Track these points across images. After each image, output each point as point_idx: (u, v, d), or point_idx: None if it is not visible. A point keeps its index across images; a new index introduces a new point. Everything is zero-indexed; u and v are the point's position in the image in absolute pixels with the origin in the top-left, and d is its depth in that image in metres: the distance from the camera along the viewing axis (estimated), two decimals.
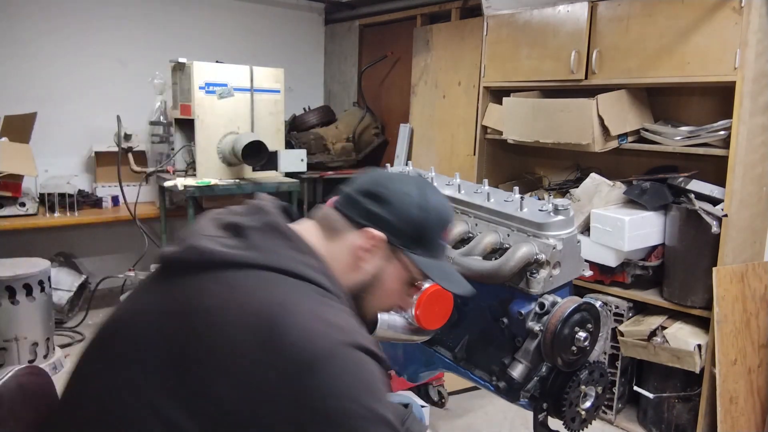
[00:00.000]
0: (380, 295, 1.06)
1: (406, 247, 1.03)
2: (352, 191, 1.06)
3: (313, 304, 0.90)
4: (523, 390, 1.26)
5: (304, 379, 0.81)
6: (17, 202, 3.42)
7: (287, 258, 0.94)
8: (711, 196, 2.44)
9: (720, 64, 2.31)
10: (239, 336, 0.85)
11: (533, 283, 1.22)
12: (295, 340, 0.83)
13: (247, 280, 0.91)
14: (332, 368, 0.83)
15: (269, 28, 4.73)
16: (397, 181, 1.06)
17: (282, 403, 0.82)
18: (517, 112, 2.94)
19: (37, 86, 3.80)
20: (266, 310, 0.86)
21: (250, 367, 0.83)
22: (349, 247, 1.03)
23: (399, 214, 1.02)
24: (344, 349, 0.85)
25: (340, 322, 0.89)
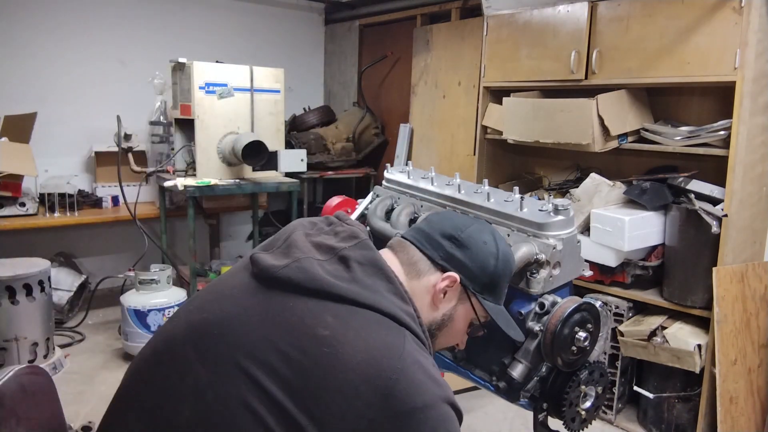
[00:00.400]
0: (449, 333, 1.13)
1: (479, 292, 1.11)
2: (432, 232, 1.12)
3: (417, 356, 0.95)
4: (523, 390, 1.26)
5: (405, 423, 0.88)
6: (17, 202, 3.42)
7: (390, 303, 0.99)
8: (711, 196, 2.44)
9: (720, 64, 2.31)
10: (356, 377, 0.89)
11: (533, 283, 1.23)
12: (406, 391, 0.89)
13: (358, 317, 0.95)
14: (428, 419, 0.90)
15: (269, 28, 4.73)
16: (474, 228, 1.14)
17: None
18: (517, 112, 2.94)
19: (37, 86, 3.80)
20: (381, 358, 0.91)
21: (363, 409, 0.87)
22: (428, 287, 1.09)
23: (477, 261, 1.10)
24: (440, 403, 0.93)
25: (437, 377, 0.96)
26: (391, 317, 0.97)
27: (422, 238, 1.12)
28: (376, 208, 1.59)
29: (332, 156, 4.35)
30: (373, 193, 1.69)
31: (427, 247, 1.11)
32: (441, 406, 0.92)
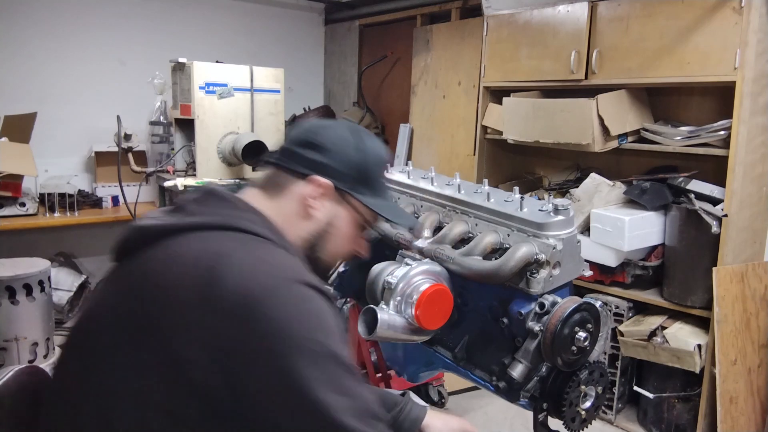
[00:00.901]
0: (336, 240, 1.09)
1: (353, 189, 1.06)
2: (289, 145, 1.08)
3: (252, 249, 0.91)
4: (523, 390, 1.26)
5: (248, 319, 0.82)
6: (17, 202, 3.42)
7: (224, 216, 0.96)
8: (711, 196, 2.44)
9: (720, 64, 2.31)
10: (183, 292, 0.85)
11: (533, 283, 1.22)
12: (235, 282, 0.83)
13: (186, 240, 0.92)
14: (275, 303, 0.83)
15: (269, 28, 4.73)
16: (330, 127, 1.09)
17: (234, 347, 0.82)
18: (517, 112, 2.94)
19: (37, 86, 3.80)
20: (204, 260, 0.87)
21: (199, 319, 0.83)
22: (296, 198, 1.04)
23: (339, 158, 1.05)
24: (287, 284, 0.86)
25: (282, 261, 0.91)
26: (222, 227, 0.93)
27: (280, 155, 1.08)
28: None
29: None
30: None
31: (286, 161, 1.06)
32: (288, 287, 0.85)
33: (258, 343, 0.82)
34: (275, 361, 0.81)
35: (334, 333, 0.87)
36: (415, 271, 1.27)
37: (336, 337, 0.87)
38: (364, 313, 1.24)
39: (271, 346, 0.81)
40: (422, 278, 1.27)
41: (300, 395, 0.81)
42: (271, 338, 0.82)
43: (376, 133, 4.59)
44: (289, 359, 0.81)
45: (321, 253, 1.08)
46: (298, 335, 0.83)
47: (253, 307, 0.82)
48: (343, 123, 1.13)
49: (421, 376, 1.64)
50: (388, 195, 1.15)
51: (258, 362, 0.82)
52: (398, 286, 1.25)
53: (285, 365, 0.81)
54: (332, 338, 0.86)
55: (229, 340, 0.82)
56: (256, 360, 0.82)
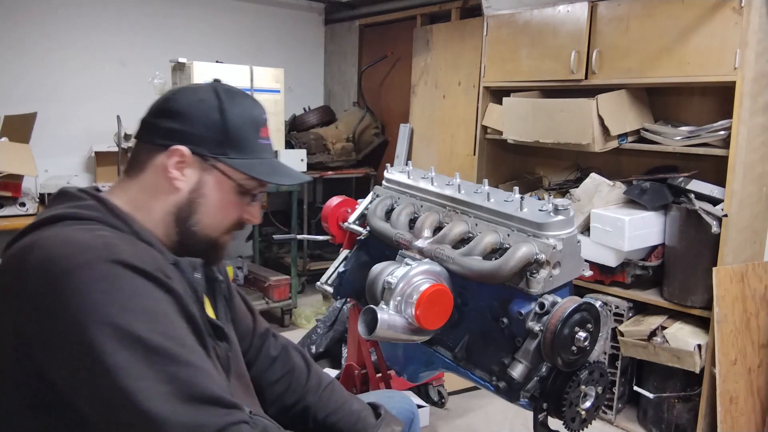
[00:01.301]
0: (208, 210, 1.01)
1: (219, 154, 0.98)
2: (147, 117, 1.01)
3: (62, 232, 0.86)
4: (523, 390, 1.26)
5: (47, 303, 0.79)
6: (17, 202, 3.41)
7: (56, 210, 0.91)
8: (711, 196, 2.44)
9: (720, 64, 2.31)
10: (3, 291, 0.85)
11: (533, 283, 1.22)
12: (36, 266, 0.81)
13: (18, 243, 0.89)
14: (74, 285, 0.79)
15: (269, 28, 4.73)
16: (188, 92, 1.01)
17: (37, 334, 0.80)
18: (517, 112, 2.94)
19: (37, 86, 3.80)
20: (17, 253, 0.86)
21: (8, 308, 0.83)
22: (157, 171, 0.98)
23: (198, 122, 0.97)
24: (92, 263, 0.80)
25: (94, 240, 0.85)
26: (44, 222, 0.89)
27: (140, 129, 1.02)
28: (376, 208, 1.59)
29: (332, 156, 4.35)
30: (373, 193, 1.69)
31: (143, 135, 1.01)
32: (93, 266, 0.80)
33: (59, 328, 0.79)
34: (77, 348, 0.78)
35: (145, 314, 0.81)
36: (415, 271, 1.27)
37: (146, 318, 0.80)
38: (364, 313, 1.24)
39: (71, 332, 0.78)
40: (422, 278, 1.27)
41: (105, 383, 0.77)
42: (70, 322, 0.78)
43: (375, 133, 4.59)
44: (91, 346, 0.77)
45: (195, 226, 1.00)
46: (98, 319, 0.78)
47: (53, 290, 0.79)
48: (208, 85, 1.03)
49: (421, 376, 1.64)
50: (265, 154, 1.04)
51: (61, 349, 0.79)
52: (398, 286, 1.25)
53: (87, 352, 0.77)
54: (141, 320, 0.79)
55: (33, 326, 0.81)
56: (58, 346, 0.79)
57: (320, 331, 3.26)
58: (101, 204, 0.94)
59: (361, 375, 2.18)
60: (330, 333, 3.21)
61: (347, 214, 1.76)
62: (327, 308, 3.73)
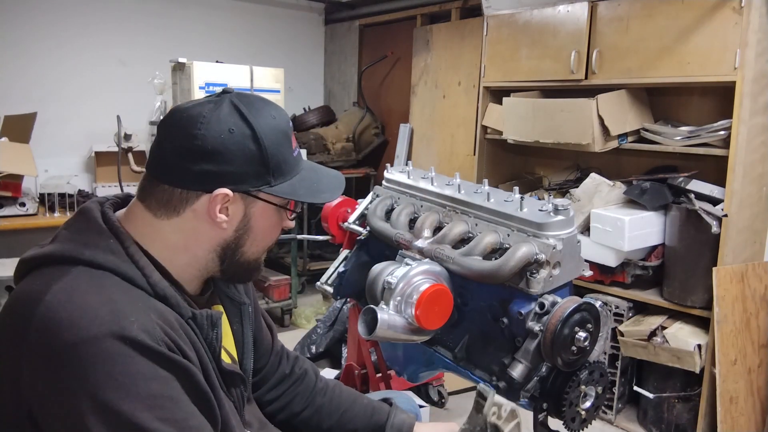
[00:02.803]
0: (255, 238, 0.97)
1: (261, 184, 0.92)
2: (169, 156, 0.90)
3: (73, 291, 0.81)
4: (523, 390, 1.26)
5: (50, 366, 0.77)
6: (17, 202, 3.41)
7: (74, 244, 0.86)
8: (711, 196, 2.44)
9: (720, 64, 2.31)
10: (5, 332, 0.83)
11: (533, 283, 1.22)
12: (43, 325, 0.78)
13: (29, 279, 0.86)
14: (78, 360, 0.76)
15: (269, 28, 4.73)
16: (213, 123, 0.89)
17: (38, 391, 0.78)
18: (517, 112, 2.94)
19: (37, 86, 3.80)
20: (23, 301, 0.82)
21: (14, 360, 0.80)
22: (196, 216, 0.91)
23: (236, 159, 0.89)
24: (98, 341, 0.76)
25: (101, 309, 0.79)
26: (59, 259, 0.84)
27: (163, 167, 0.91)
28: (376, 208, 1.59)
29: (332, 156, 4.35)
30: (373, 193, 1.69)
31: (172, 178, 0.90)
32: (93, 343, 0.76)
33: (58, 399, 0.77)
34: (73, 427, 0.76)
35: (148, 399, 0.78)
36: (415, 271, 1.27)
37: (149, 404, 0.77)
38: (364, 313, 1.24)
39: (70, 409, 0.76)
40: (422, 278, 1.27)
41: None
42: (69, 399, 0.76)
43: (375, 133, 4.59)
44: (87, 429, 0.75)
45: (241, 257, 0.97)
46: (98, 402, 0.75)
47: (55, 360, 0.76)
48: (225, 103, 0.92)
49: (421, 376, 1.64)
50: (299, 166, 0.99)
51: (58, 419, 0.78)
52: (398, 286, 1.25)
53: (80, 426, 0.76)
54: (142, 406, 0.77)
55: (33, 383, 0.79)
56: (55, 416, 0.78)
57: (320, 331, 3.26)
58: (123, 247, 0.88)
59: (361, 375, 2.18)
60: (330, 333, 3.21)
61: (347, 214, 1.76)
62: (327, 308, 3.73)
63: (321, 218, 1.93)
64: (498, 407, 1.14)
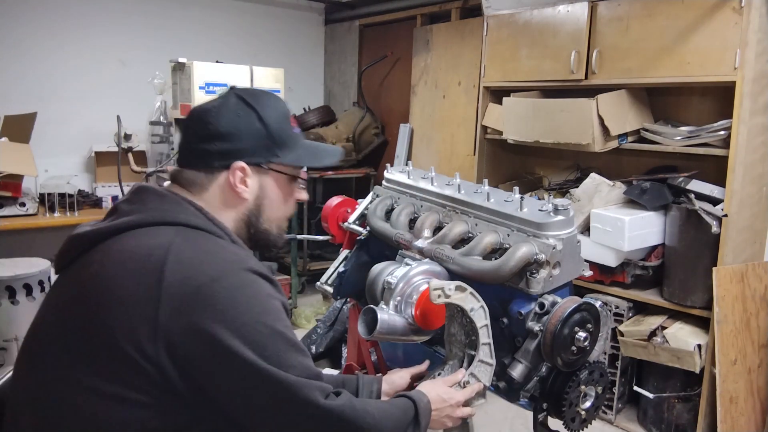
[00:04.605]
0: (272, 206, 1.12)
1: (271, 157, 1.08)
2: (191, 142, 1.07)
3: (195, 242, 0.95)
4: (523, 390, 1.26)
5: (196, 310, 0.87)
6: (17, 202, 3.41)
7: (162, 211, 0.99)
8: (711, 196, 2.44)
9: (720, 64, 2.31)
10: (131, 289, 0.89)
11: (533, 283, 1.22)
12: (182, 276, 0.89)
13: (123, 239, 0.96)
14: (220, 292, 0.88)
15: (269, 28, 4.73)
16: (222, 111, 1.06)
17: (184, 340, 0.87)
18: (517, 112, 2.94)
19: (37, 86, 3.80)
20: (152, 258, 0.91)
21: (149, 315, 0.87)
22: (221, 189, 1.06)
23: (246, 137, 1.05)
24: (231, 272, 0.91)
25: (225, 251, 0.96)
26: (161, 223, 0.97)
27: (187, 155, 1.09)
28: (376, 208, 1.59)
29: None
30: (373, 193, 1.69)
31: (196, 162, 1.07)
32: (234, 274, 0.91)
33: (206, 331, 0.87)
34: (223, 345, 0.87)
35: (279, 314, 0.94)
36: (415, 271, 1.28)
37: (281, 318, 0.94)
38: (364, 313, 1.24)
39: (218, 332, 0.87)
40: (422, 278, 1.27)
41: (252, 372, 0.88)
42: (218, 325, 0.87)
43: (375, 133, 4.59)
44: (235, 342, 0.87)
45: (264, 224, 1.11)
46: (244, 320, 0.89)
47: (200, 298, 0.88)
48: (231, 95, 1.09)
49: None
50: (301, 140, 1.14)
51: (208, 349, 0.87)
52: (398, 286, 1.25)
53: (232, 348, 0.87)
54: (277, 319, 0.92)
55: (179, 333, 0.87)
56: (207, 347, 0.87)
57: (320, 331, 3.26)
58: (201, 212, 1.02)
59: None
60: (330, 333, 3.21)
61: (347, 214, 1.76)
62: (327, 308, 3.73)
63: (321, 218, 1.93)
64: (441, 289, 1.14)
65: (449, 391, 1.19)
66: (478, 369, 1.21)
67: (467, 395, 1.21)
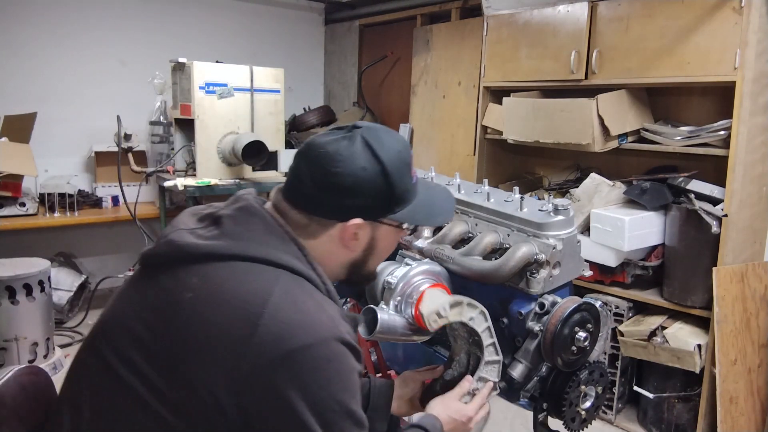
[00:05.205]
0: (377, 256, 1.10)
1: (388, 213, 1.04)
2: (307, 185, 1.00)
3: (294, 296, 0.91)
4: (523, 390, 1.26)
5: (280, 373, 0.85)
6: (17, 202, 3.42)
7: (263, 245, 0.95)
8: (711, 196, 2.44)
9: (720, 64, 2.31)
10: (217, 330, 0.87)
11: (533, 283, 1.22)
12: (274, 337, 0.85)
13: (223, 271, 0.92)
14: (306, 360, 0.86)
15: (269, 28, 4.73)
16: (347, 161, 0.98)
17: (259, 399, 0.85)
18: (517, 112, 2.94)
19: (37, 86, 3.80)
20: (247, 307, 0.87)
21: (231, 364, 0.85)
22: (331, 239, 1.03)
23: (367, 194, 0.99)
24: (322, 342, 0.88)
25: (321, 314, 0.91)
26: (264, 261, 0.93)
27: (300, 195, 1.01)
28: None
29: None
30: None
31: (311, 208, 1.01)
32: (325, 345, 0.88)
33: (285, 398, 0.85)
34: (297, 416, 0.85)
35: (355, 391, 0.92)
36: (415, 271, 1.27)
37: (356, 396, 0.92)
38: (364, 313, 1.24)
39: (296, 402, 0.85)
40: (422, 278, 1.27)
41: None
42: (298, 395, 0.85)
43: None
44: (311, 417, 0.85)
45: (366, 269, 1.11)
46: (323, 395, 0.87)
47: (288, 363, 0.85)
48: (358, 141, 1.00)
49: None
50: (418, 191, 1.09)
51: (282, 416, 0.85)
52: (398, 286, 1.25)
53: (307, 423, 0.85)
54: (353, 397, 0.91)
55: (257, 391, 0.85)
56: (281, 414, 0.85)
57: None
58: (303, 254, 0.98)
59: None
60: None
61: None
62: None
63: None
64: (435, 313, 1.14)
65: (460, 409, 1.18)
66: (485, 370, 1.21)
67: (479, 405, 1.21)
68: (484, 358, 1.20)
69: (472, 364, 1.22)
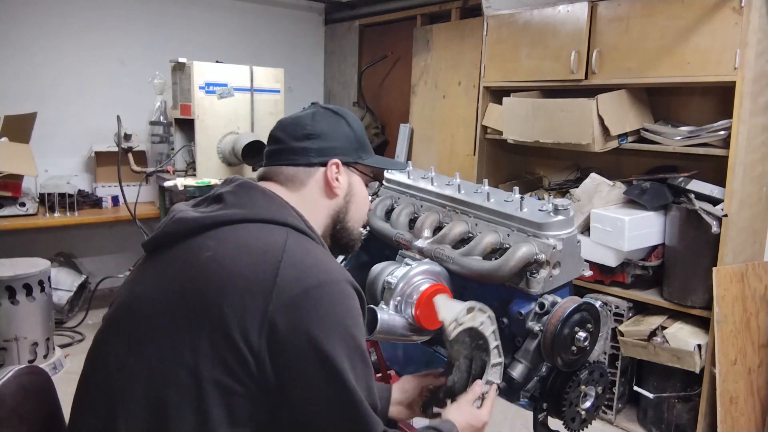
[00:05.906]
0: (358, 204, 1.22)
1: (357, 158, 1.20)
2: (289, 142, 1.16)
3: (304, 247, 1.02)
4: (523, 390, 1.26)
5: (302, 309, 0.93)
6: (17, 202, 3.42)
7: (267, 210, 1.05)
8: (711, 196, 2.44)
9: (720, 64, 2.31)
10: (242, 278, 0.94)
11: (533, 283, 1.22)
12: (296, 279, 0.94)
13: (238, 231, 1.01)
14: (324, 295, 0.95)
15: (269, 28, 4.73)
16: (317, 117, 1.18)
17: (285, 336, 0.92)
18: (517, 112, 2.94)
19: (37, 86, 3.80)
20: (270, 254, 0.97)
21: (260, 308, 0.92)
22: (319, 184, 1.16)
23: (339, 138, 1.18)
24: (335, 282, 0.98)
25: (330, 261, 1.04)
26: (271, 221, 1.03)
27: (285, 154, 1.16)
28: (376, 208, 1.59)
29: None
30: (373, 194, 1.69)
31: (295, 159, 1.15)
32: (338, 284, 0.97)
33: (307, 331, 0.92)
34: (319, 347, 0.92)
35: (362, 329, 1.01)
36: (415, 271, 1.28)
37: (363, 333, 1.01)
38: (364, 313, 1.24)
39: (317, 333, 0.92)
40: (422, 278, 1.27)
41: (336, 380, 0.93)
42: (318, 327, 0.93)
43: (375, 133, 4.60)
44: (330, 346, 0.92)
45: (347, 222, 1.20)
46: (340, 328, 0.95)
47: (307, 300, 0.93)
48: (318, 107, 1.21)
49: None
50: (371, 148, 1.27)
51: (304, 348, 0.92)
52: (398, 286, 1.25)
53: (326, 351, 0.92)
54: (361, 334, 0.99)
55: (283, 330, 0.92)
56: (303, 346, 0.92)
57: None
58: (301, 218, 1.09)
59: None
60: None
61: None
62: None
63: None
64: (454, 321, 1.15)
65: (476, 415, 1.21)
66: (491, 373, 1.21)
67: (489, 408, 1.23)
68: (491, 362, 1.20)
69: (474, 368, 1.22)
